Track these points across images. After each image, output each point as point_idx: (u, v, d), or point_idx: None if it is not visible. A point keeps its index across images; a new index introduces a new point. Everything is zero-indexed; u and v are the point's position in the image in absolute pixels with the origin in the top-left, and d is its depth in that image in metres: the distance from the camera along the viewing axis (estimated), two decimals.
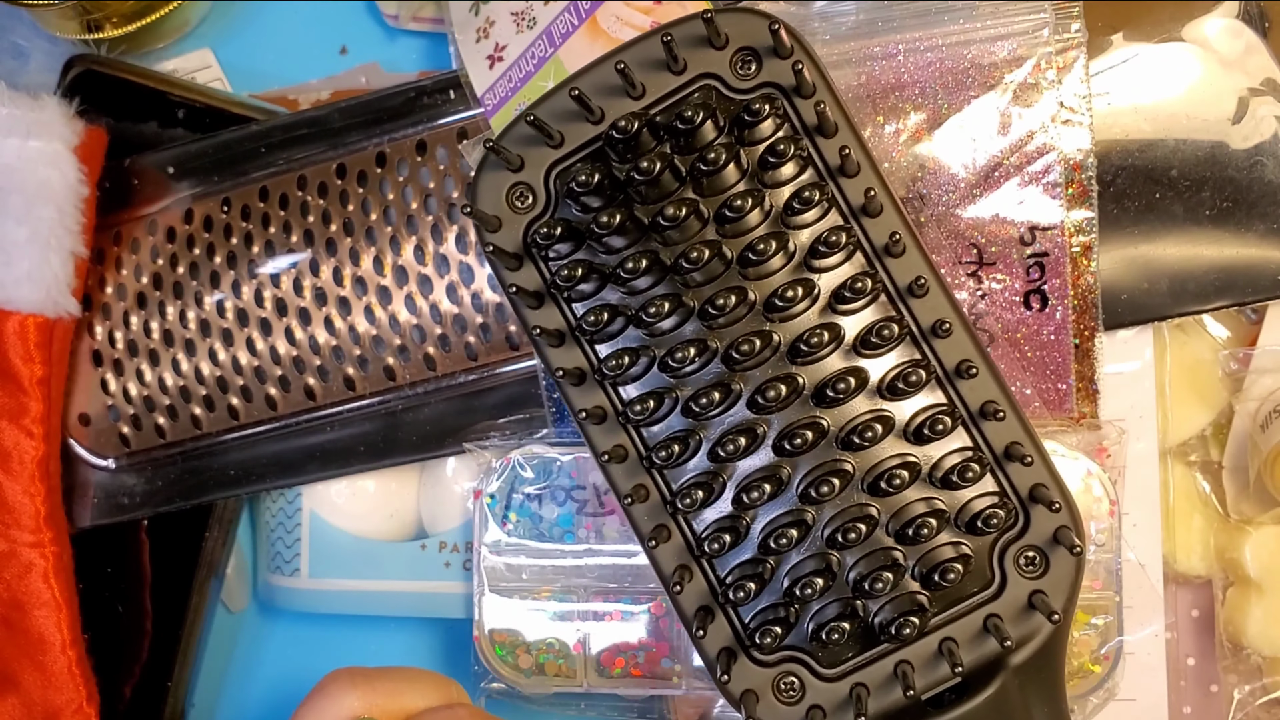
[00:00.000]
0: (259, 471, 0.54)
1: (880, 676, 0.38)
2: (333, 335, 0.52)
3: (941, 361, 0.38)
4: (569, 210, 0.39)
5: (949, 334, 0.38)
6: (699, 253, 0.36)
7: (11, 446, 0.51)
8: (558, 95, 0.39)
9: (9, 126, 0.50)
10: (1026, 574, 0.38)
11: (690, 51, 0.38)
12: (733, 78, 0.38)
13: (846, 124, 0.38)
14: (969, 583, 0.38)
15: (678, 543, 0.39)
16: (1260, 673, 0.51)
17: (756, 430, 0.38)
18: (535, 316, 0.39)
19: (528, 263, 0.39)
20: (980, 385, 0.38)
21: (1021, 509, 0.38)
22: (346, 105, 0.53)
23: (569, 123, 0.39)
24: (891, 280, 0.38)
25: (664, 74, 0.38)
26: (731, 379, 0.38)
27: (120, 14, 0.55)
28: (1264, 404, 0.50)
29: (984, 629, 0.38)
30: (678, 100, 0.38)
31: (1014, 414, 0.38)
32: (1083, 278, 0.47)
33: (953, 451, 0.38)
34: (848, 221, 0.38)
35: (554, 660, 0.51)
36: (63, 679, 0.52)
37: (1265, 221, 0.48)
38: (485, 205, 0.39)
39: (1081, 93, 0.46)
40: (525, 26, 0.51)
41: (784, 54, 0.38)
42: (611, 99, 0.38)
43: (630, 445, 0.39)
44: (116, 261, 0.55)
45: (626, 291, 0.39)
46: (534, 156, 0.39)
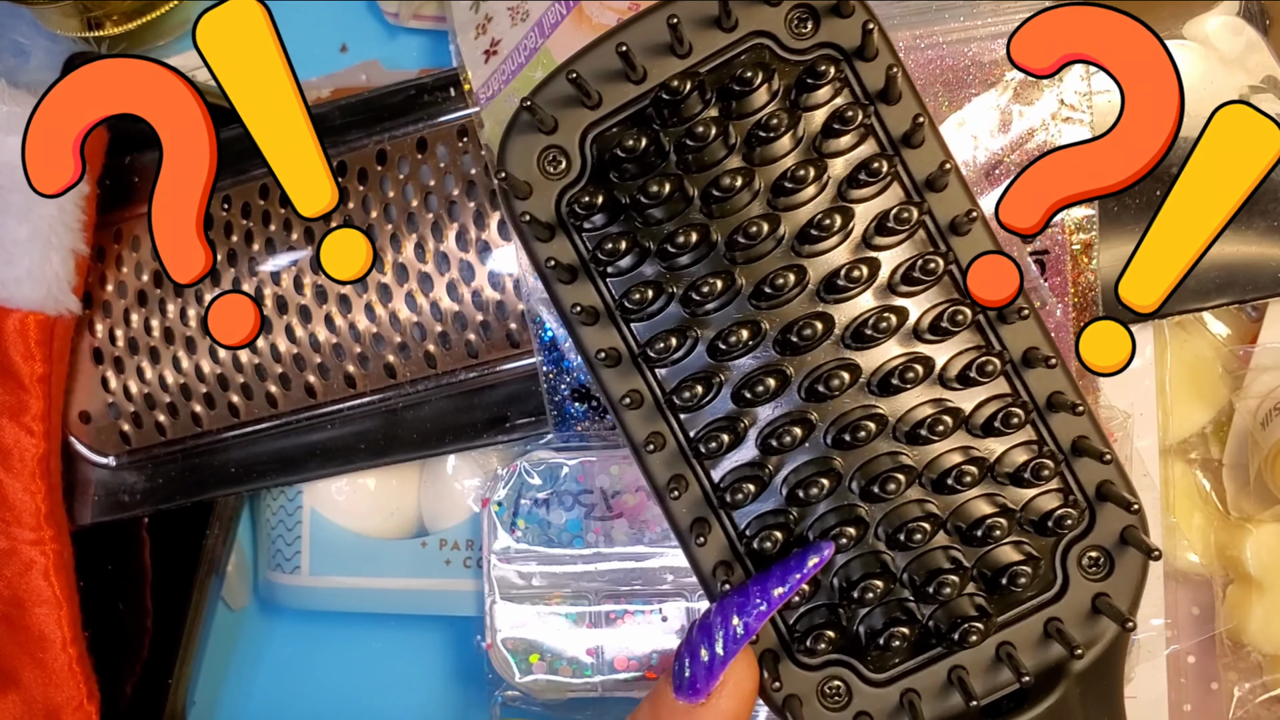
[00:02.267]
0: (260, 469, 0.54)
1: (933, 683, 0.36)
2: (333, 333, 0.52)
3: (1008, 349, 0.36)
4: (606, 178, 0.36)
5: (1019, 320, 0.35)
6: (758, 226, 0.34)
7: (12, 444, 0.51)
8: (598, 50, 0.35)
9: (10, 124, 0.50)
10: (1090, 576, 0.36)
11: (742, 6, 0.35)
12: (788, 37, 0.35)
13: (911, 91, 0.35)
14: (1031, 585, 0.36)
15: (719, 539, 0.36)
16: (1260, 670, 0.51)
17: (810, 419, 0.36)
18: (569, 293, 0.36)
19: (560, 234, 0.36)
20: (1050, 376, 0.36)
21: (1088, 508, 0.36)
22: (347, 103, 0.53)
23: (607, 83, 0.35)
24: (956, 261, 0.35)
25: (713, 31, 0.35)
26: (783, 365, 0.36)
27: (121, 12, 0.55)
28: (1264, 401, 0.50)
29: (1045, 634, 0.35)
30: (727, 60, 0.35)
31: (1083, 406, 0.35)
32: (1083, 275, 0.47)
33: (1018, 446, 0.36)
34: (910, 197, 0.35)
35: (567, 666, 0.51)
36: (63, 676, 0.52)
37: (1265, 219, 0.48)
38: (515, 170, 0.36)
39: (1082, 90, 0.46)
40: (519, 20, 0.51)
41: (845, 13, 0.35)
42: (655, 57, 0.35)
43: (668, 434, 0.36)
44: (117, 259, 0.55)
45: (668, 267, 0.36)
46: (569, 118, 0.36)
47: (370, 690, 0.58)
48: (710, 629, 0.34)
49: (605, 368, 0.36)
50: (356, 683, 0.58)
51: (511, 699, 0.53)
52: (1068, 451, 0.36)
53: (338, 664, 0.58)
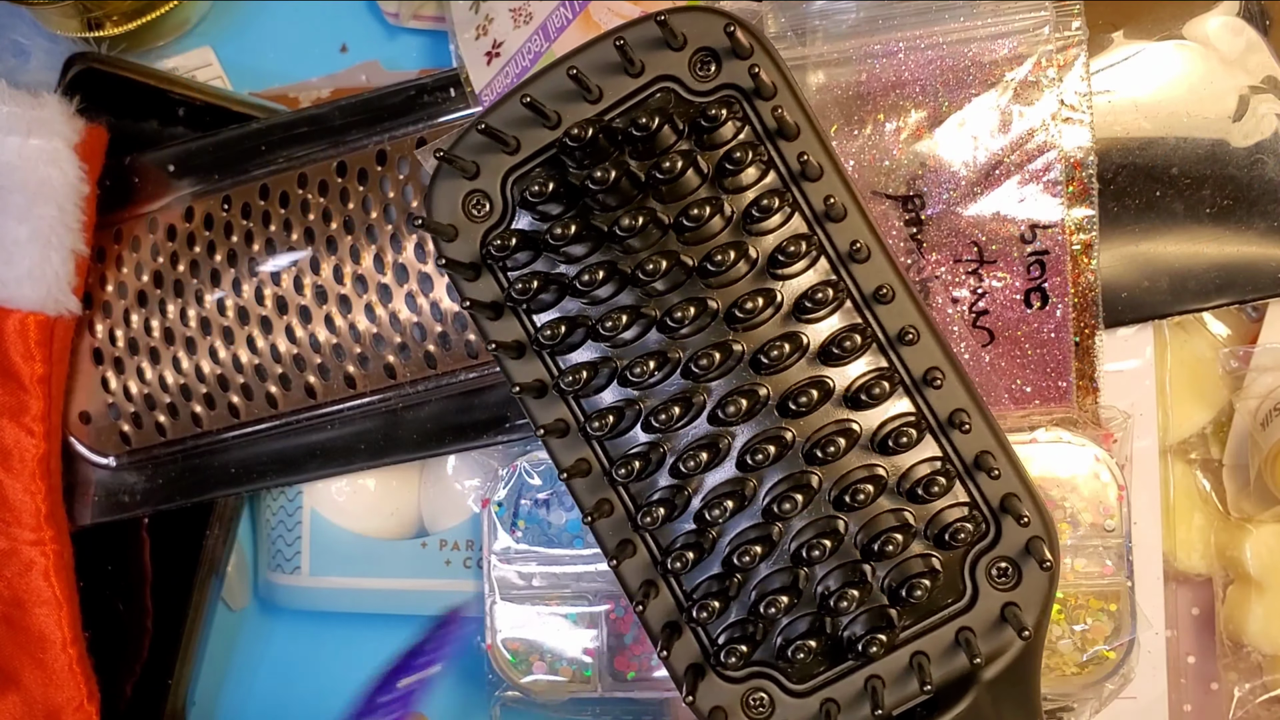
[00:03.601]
0: (260, 469, 0.54)
1: (851, 692, 0.37)
2: (333, 333, 0.52)
3: (909, 370, 0.37)
4: (526, 219, 0.38)
5: (915, 342, 0.37)
6: (656, 264, 0.35)
7: (12, 444, 0.51)
8: (511, 101, 0.38)
9: (10, 125, 0.50)
10: (999, 586, 0.37)
11: (648, 53, 0.37)
12: (692, 80, 0.37)
13: (810, 126, 0.37)
14: (941, 594, 0.37)
15: (643, 559, 0.38)
16: (1260, 670, 0.51)
17: (719, 444, 0.37)
18: (494, 329, 0.38)
19: (485, 273, 0.38)
20: (948, 394, 0.37)
21: (993, 519, 0.37)
22: (347, 103, 0.53)
23: (525, 129, 0.38)
24: (857, 287, 0.37)
25: (622, 77, 0.37)
26: (694, 391, 0.37)
27: (121, 12, 0.55)
28: (1264, 402, 0.50)
29: (956, 642, 0.37)
30: (636, 104, 0.37)
31: (984, 422, 0.37)
32: (1083, 275, 0.47)
33: (921, 462, 0.37)
34: (811, 228, 0.37)
35: (567, 666, 0.51)
36: (63, 677, 0.52)
37: (1266, 219, 0.48)
38: (441, 215, 0.38)
39: (1082, 90, 0.46)
40: (522, 22, 0.51)
41: (743, 54, 0.36)
42: (568, 103, 0.37)
43: (593, 459, 0.38)
44: (117, 259, 0.55)
45: (588, 302, 0.38)
46: (490, 163, 0.38)
47: None
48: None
49: (530, 398, 0.38)
50: (356, 683, 0.58)
51: (511, 699, 0.53)
52: (970, 466, 0.37)
53: (338, 664, 0.58)
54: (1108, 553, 0.47)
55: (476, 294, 0.38)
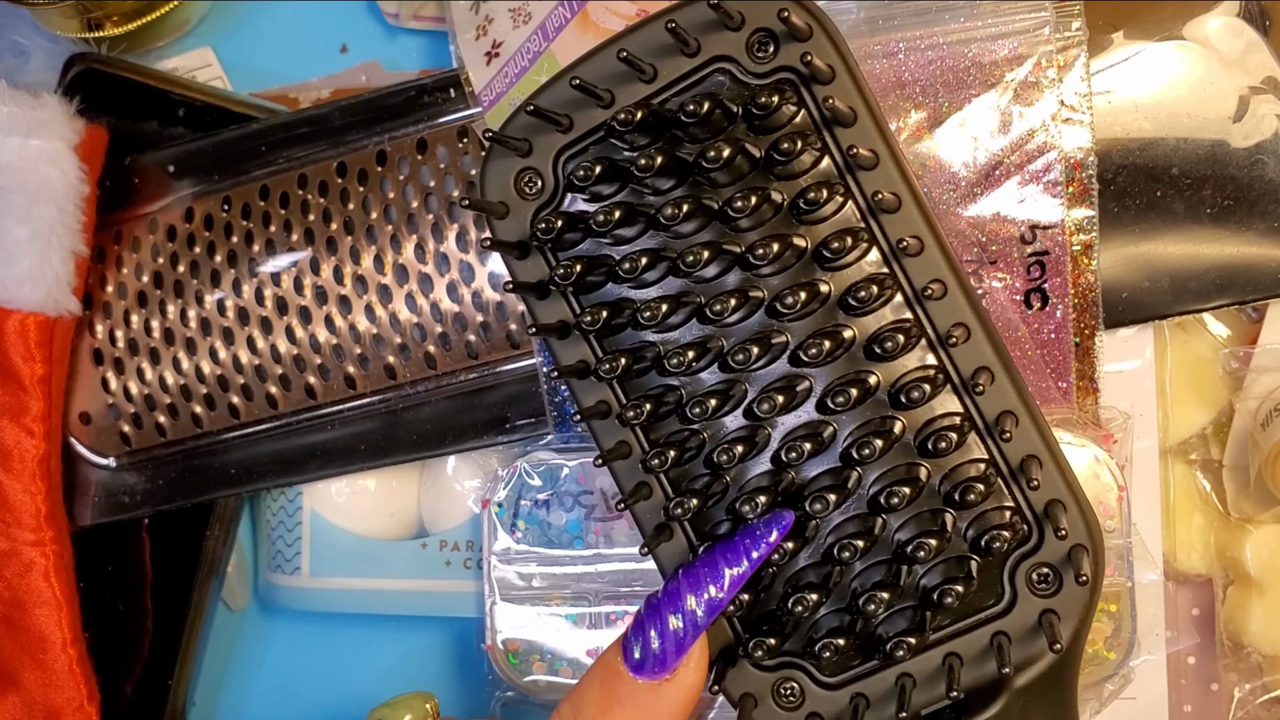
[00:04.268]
0: (260, 470, 0.54)
1: (882, 689, 0.36)
2: (333, 334, 0.52)
3: (958, 369, 0.36)
4: (576, 198, 0.37)
5: (965, 341, 0.36)
6: (698, 254, 0.35)
7: (12, 445, 0.51)
8: (560, 82, 0.37)
9: (10, 125, 0.50)
10: (1039, 592, 0.36)
11: (705, 33, 0.36)
12: (750, 61, 0.36)
13: (868, 113, 0.36)
14: (980, 597, 0.36)
15: (680, 545, 0.38)
16: (1260, 671, 0.51)
17: (756, 437, 0.37)
18: (540, 310, 0.38)
19: (534, 253, 0.38)
20: (997, 395, 0.36)
21: (1036, 525, 0.36)
22: (347, 104, 0.53)
23: (578, 108, 0.37)
24: (908, 282, 0.36)
25: (678, 57, 0.36)
26: (734, 382, 0.37)
27: (121, 12, 0.55)
28: (1264, 402, 0.50)
29: (991, 646, 0.36)
30: (691, 84, 0.36)
31: (1033, 426, 0.36)
32: (1083, 276, 0.47)
33: (965, 464, 0.36)
34: (864, 219, 0.36)
35: (568, 667, 0.51)
36: (63, 677, 0.52)
37: (1266, 220, 0.48)
38: (493, 192, 0.38)
39: (1082, 91, 0.46)
40: (521, 22, 0.51)
41: (800, 37, 0.35)
42: (623, 83, 0.36)
43: (634, 443, 0.38)
44: (117, 260, 0.55)
45: (634, 286, 0.37)
46: (543, 141, 0.37)
47: (370, 691, 0.58)
48: (678, 600, 0.35)
49: (574, 380, 0.38)
50: (356, 683, 0.58)
51: (511, 700, 0.53)
52: (1015, 470, 0.36)
53: (338, 665, 0.58)
54: (1109, 553, 0.47)
55: (525, 274, 0.38)
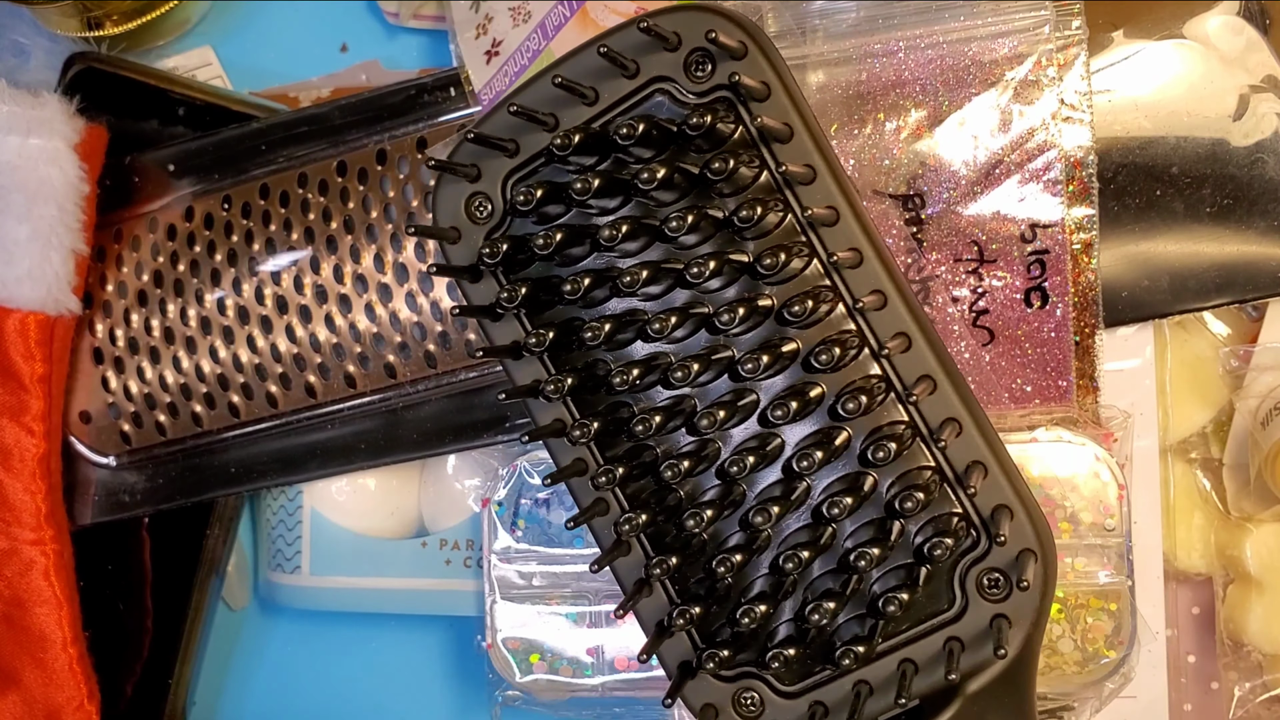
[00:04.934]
0: (260, 469, 0.54)
1: (839, 695, 0.37)
2: (333, 333, 0.52)
3: (900, 377, 0.36)
4: (525, 222, 0.38)
5: (907, 350, 0.36)
6: (633, 276, 0.35)
7: (12, 444, 0.51)
8: (500, 111, 0.37)
9: (10, 124, 0.50)
10: (989, 596, 0.36)
11: (644, 54, 0.36)
12: (688, 81, 0.36)
13: (804, 128, 0.36)
14: (933, 602, 0.37)
15: (637, 558, 0.38)
16: (1261, 670, 0.51)
17: (705, 451, 0.37)
18: (494, 331, 0.38)
19: (486, 276, 0.38)
20: (939, 402, 0.36)
21: (984, 531, 0.36)
22: (347, 103, 0.53)
23: (523, 132, 0.37)
24: (848, 293, 0.36)
25: (618, 79, 0.37)
26: (681, 398, 0.37)
27: (121, 12, 0.55)
28: (1264, 401, 0.50)
29: (945, 650, 0.36)
30: (632, 105, 0.37)
31: (977, 431, 0.36)
32: (1083, 275, 0.47)
33: (909, 472, 0.36)
34: (803, 233, 0.36)
35: (568, 666, 0.51)
36: (64, 676, 0.52)
37: (1266, 219, 0.48)
38: (445, 218, 0.38)
39: (1082, 90, 0.46)
40: (521, 20, 0.51)
41: (735, 56, 0.36)
42: (566, 106, 0.37)
43: (589, 460, 0.38)
44: (117, 259, 0.55)
45: (583, 305, 0.37)
46: (491, 166, 0.38)
47: (370, 690, 0.58)
48: None
49: (528, 399, 0.38)
50: (356, 683, 0.58)
51: (512, 699, 0.53)
52: (960, 476, 0.36)
53: (338, 664, 0.58)
54: (1108, 552, 0.47)
55: (478, 296, 0.38)
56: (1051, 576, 0.36)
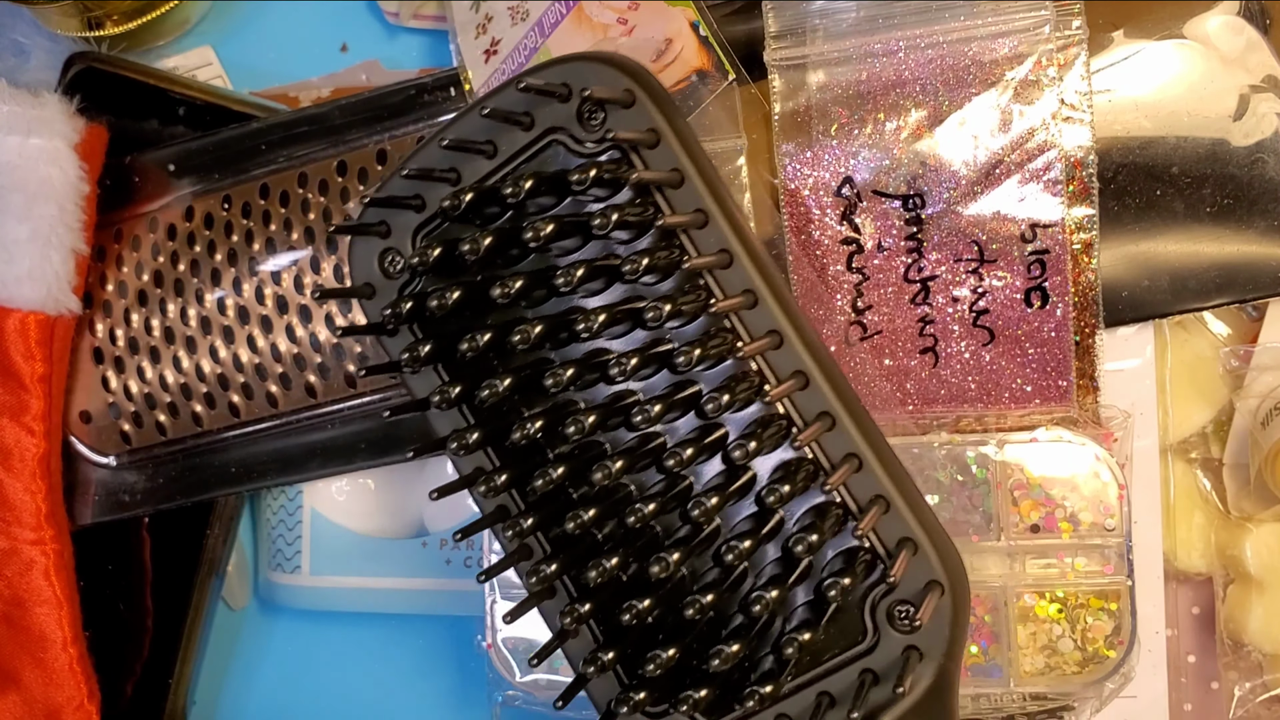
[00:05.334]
0: (260, 469, 0.54)
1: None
2: (334, 332, 0.52)
3: (801, 414, 0.37)
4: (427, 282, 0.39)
5: (805, 388, 0.36)
6: (523, 335, 0.35)
7: (13, 444, 0.51)
8: (394, 178, 0.38)
9: (10, 124, 0.50)
10: (899, 628, 0.36)
11: (539, 106, 0.37)
12: (580, 130, 0.37)
13: (695, 172, 0.36)
14: (846, 635, 0.37)
15: (560, 600, 0.39)
16: (1261, 670, 0.51)
17: (616, 496, 0.37)
18: (414, 383, 0.39)
19: (402, 329, 0.39)
20: (839, 438, 0.36)
21: (890, 563, 0.36)
22: (347, 103, 0.53)
23: (429, 188, 0.38)
24: (747, 332, 0.37)
25: (514, 131, 0.37)
26: (590, 448, 0.38)
27: (121, 11, 0.55)
28: (1265, 401, 0.50)
29: (859, 683, 0.36)
30: (530, 156, 0.37)
31: (878, 463, 0.36)
32: (1083, 275, 0.47)
33: (807, 510, 0.37)
34: (701, 276, 0.37)
35: (568, 666, 0.51)
36: (64, 676, 0.52)
37: (1266, 218, 0.48)
38: (360, 275, 0.39)
39: (1082, 90, 0.46)
40: (519, 19, 0.51)
41: (628, 103, 0.36)
42: (468, 160, 0.38)
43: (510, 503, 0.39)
44: (117, 259, 0.55)
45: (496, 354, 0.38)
46: (400, 221, 0.38)
47: (370, 690, 0.58)
48: None
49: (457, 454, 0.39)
50: (356, 682, 0.58)
51: (512, 699, 0.53)
52: (861, 509, 0.36)
53: (338, 664, 0.58)
54: (1108, 552, 0.47)
55: (395, 349, 0.39)
56: (962, 605, 0.36)
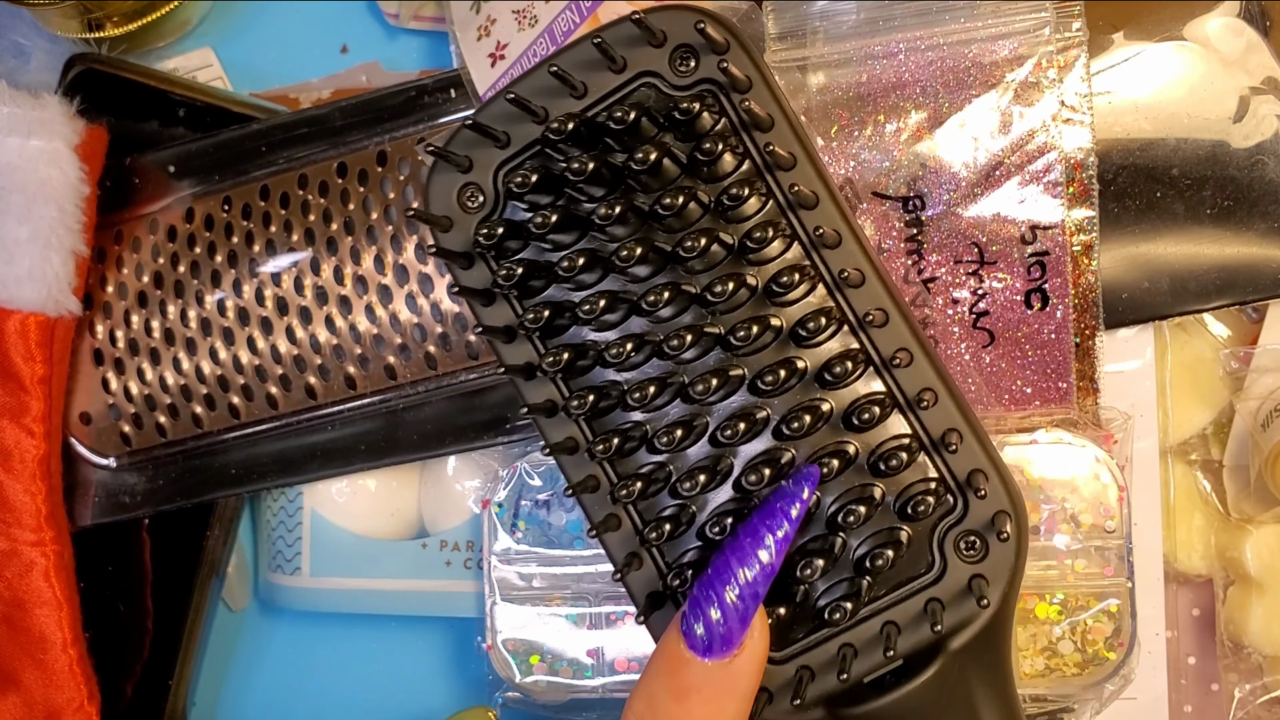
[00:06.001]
0: (260, 470, 0.54)
1: (824, 659, 0.38)
2: (334, 334, 0.52)
3: (878, 350, 0.38)
4: (516, 210, 0.39)
5: (884, 324, 0.38)
6: (630, 250, 0.37)
7: (13, 445, 0.51)
8: (498, 99, 0.39)
9: (10, 125, 0.50)
10: (966, 558, 0.38)
11: (630, 50, 0.38)
12: (672, 75, 0.38)
13: (784, 117, 0.38)
14: (911, 566, 0.38)
15: (628, 530, 0.39)
16: (1261, 671, 0.51)
17: (695, 422, 0.38)
18: (486, 315, 0.40)
19: (478, 262, 0.40)
20: (916, 373, 0.38)
21: (960, 495, 0.38)
22: (347, 104, 0.53)
23: (514, 124, 0.39)
24: (827, 269, 0.38)
25: (606, 73, 0.38)
26: (671, 372, 0.39)
27: (121, 13, 0.55)
28: (1265, 403, 0.50)
29: (925, 612, 0.38)
30: (619, 99, 0.39)
31: (951, 400, 0.38)
32: (1083, 276, 0.47)
33: (890, 439, 0.38)
34: (783, 214, 0.38)
35: (568, 667, 0.51)
36: (64, 677, 0.52)
37: (1266, 220, 0.48)
38: (438, 207, 0.40)
39: (1083, 91, 0.46)
40: (527, 24, 0.51)
41: (718, 50, 0.38)
42: (556, 99, 0.39)
43: (580, 438, 0.39)
44: (117, 260, 0.55)
45: (572, 287, 0.39)
46: (483, 157, 0.39)
47: (370, 691, 0.58)
48: (729, 574, 0.35)
49: (521, 380, 0.40)
50: (356, 684, 0.58)
51: (512, 700, 0.53)
52: (936, 442, 0.38)
53: (338, 665, 0.58)
54: (1108, 554, 0.48)
55: (470, 281, 0.40)
56: (1024, 535, 0.38)
